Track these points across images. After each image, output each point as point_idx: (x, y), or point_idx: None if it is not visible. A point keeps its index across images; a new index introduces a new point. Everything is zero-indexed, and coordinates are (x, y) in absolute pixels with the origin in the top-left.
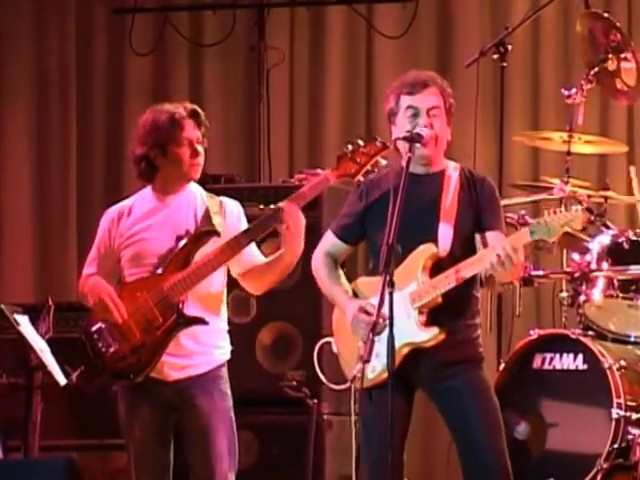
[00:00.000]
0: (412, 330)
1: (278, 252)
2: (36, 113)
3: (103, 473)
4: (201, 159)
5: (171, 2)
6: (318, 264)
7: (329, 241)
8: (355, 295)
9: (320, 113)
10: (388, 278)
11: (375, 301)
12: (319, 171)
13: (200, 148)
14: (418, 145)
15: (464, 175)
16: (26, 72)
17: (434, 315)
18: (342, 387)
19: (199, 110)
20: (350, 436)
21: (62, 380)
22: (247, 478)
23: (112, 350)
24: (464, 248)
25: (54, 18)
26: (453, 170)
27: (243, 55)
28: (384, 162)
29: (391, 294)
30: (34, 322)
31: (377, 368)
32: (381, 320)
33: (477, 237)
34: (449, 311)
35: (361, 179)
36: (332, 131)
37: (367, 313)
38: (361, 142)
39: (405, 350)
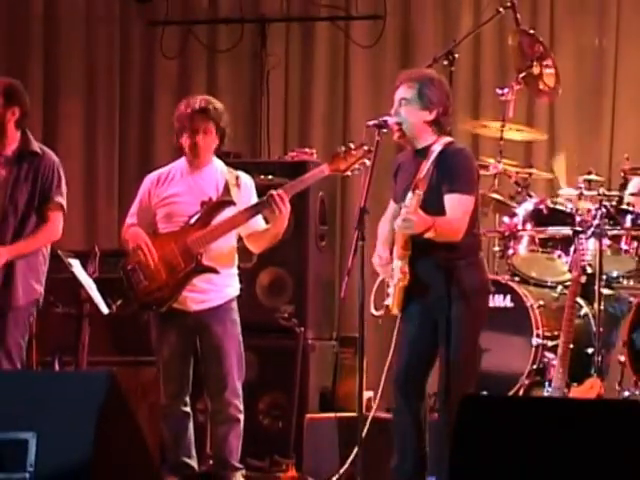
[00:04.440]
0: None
1: (268, 226)
2: (87, 102)
3: (136, 384)
4: (200, 150)
5: (193, 17)
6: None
7: (391, 208)
8: None
9: (308, 105)
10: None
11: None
12: (307, 150)
13: (202, 141)
14: (385, 130)
15: (446, 149)
16: (79, 70)
17: (416, 246)
18: (379, 313)
19: (207, 106)
20: (329, 357)
21: (105, 310)
22: (248, 389)
23: (142, 286)
24: (436, 208)
25: (102, 27)
26: (438, 145)
27: (249, 59)
28: (368, 163)
29: (362, 247)
30: (84, 264)
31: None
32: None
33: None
34: (433, 243)
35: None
36: (317, 119)
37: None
38: (352, 145)
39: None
